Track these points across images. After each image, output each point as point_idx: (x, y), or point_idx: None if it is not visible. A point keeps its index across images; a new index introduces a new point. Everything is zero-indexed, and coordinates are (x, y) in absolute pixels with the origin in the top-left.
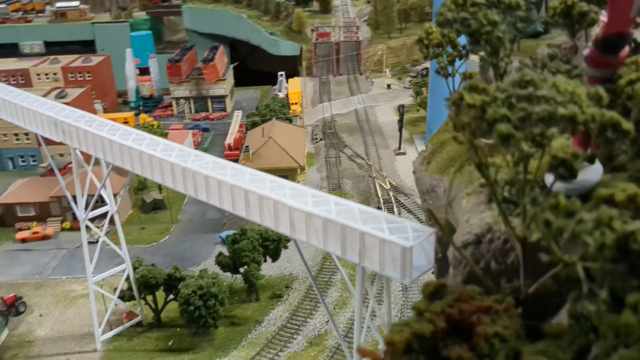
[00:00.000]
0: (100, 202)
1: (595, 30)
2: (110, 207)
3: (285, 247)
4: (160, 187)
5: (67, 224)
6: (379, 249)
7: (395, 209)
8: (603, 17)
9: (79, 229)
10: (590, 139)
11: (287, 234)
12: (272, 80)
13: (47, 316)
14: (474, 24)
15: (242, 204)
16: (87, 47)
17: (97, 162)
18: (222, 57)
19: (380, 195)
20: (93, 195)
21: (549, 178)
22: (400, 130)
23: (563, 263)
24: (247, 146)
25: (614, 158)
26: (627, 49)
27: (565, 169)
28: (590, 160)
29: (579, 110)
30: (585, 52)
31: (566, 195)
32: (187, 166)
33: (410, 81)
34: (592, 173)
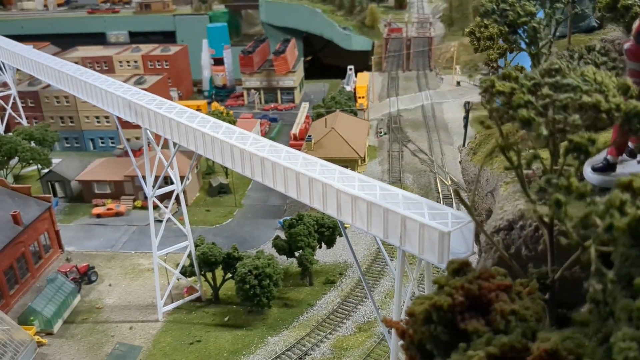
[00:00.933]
0: (169, 183)
1: (636, 23)
2: (177, 186)
3: (341, 235)
4: (226, 172)
5: (138, 203)
6: (419, 233)
7: (454, 204)
8: None
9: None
10: (631, 133)
11: (333, 215)
12: (343, 74)
13: (115, 286)
14: (512, 14)
15: (294, 186)
16: (168, 37)
17: (167, 145)
18: (293, 50)
19: (440, 190)
20: (161, 176)
21: (587, 171)
22: (465, 127)
23: (580, 246)
24: (309, 135)
25: None
26: None
27: (580, 152)
28: (631, 155)
29: (604, 98)
30: (627, 45)
31: (603, 188)
32: (244, 148)
33: (480, 79)
34: (631, 166)
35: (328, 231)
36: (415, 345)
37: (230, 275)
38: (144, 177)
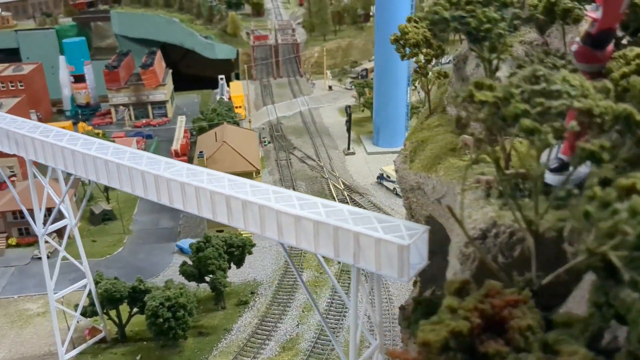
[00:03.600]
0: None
1: (584, 26)
2: (70, 220)
3: (250, 253)
4: (108, 198)
5: (12, 240)
6: (375, 249)
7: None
8: (590, 13)
9: (25, 245)
10: (583, 134)
11: (274, 238)
12: (208, 85)
13: (2, 338)
14: (473, 21)
15: (224, 210)
16: (11, 55)
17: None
18: (160, 62)
19: (335, 195)
20: (49, 209)
21: (548, 173)
22: (348, 130)
23: (590, 253)
24: (201, 151)
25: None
26: (612, 44)
27: (593, 159)
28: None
29: (594, 103)
30: (574, 47)
31: (561, 186)
32: (159, 174)
33: (351, 82)
34: (583, 165)
35: (238, 250)
36: None
37: (137, 309)
38: (30, 212)
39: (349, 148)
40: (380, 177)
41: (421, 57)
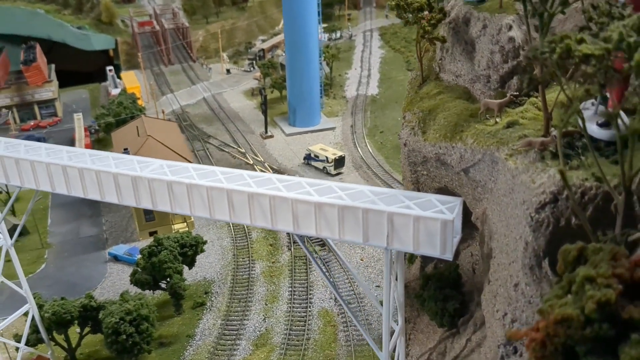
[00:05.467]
0: None
1: None
2: (5, 241)
3: (202, 251)
4: (13, 211)
5: None
6: (413, 228)
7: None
8: None
9: None
10: (625, 87)
11: (288, 230)
12: (83, 79)
13: None
14: None
15: (224, 206)
16: None
17: None
18: (42, 57)
19: None
20: None
21: (594, 128)
22: (264, 113)
23: None
24: (125, 148)
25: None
26: None
27: None
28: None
29: None
30: None
31: (608, 142)
32: (146, 175)
33: (249, 64)
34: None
35: (191, 250)
36: (560, 352)
37: (89, 329)
38: None
39: (266, 131)
40: (308, 157)
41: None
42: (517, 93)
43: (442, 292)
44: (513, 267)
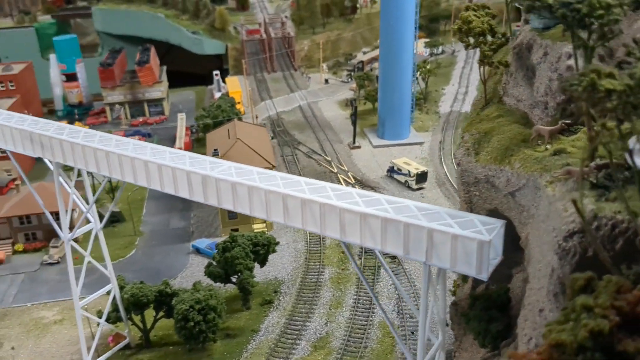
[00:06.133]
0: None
1: None
2: (95, 224)
3: (274, 251)
4: (113, 198)
5: (19, 246)
6: (451, 246)
7: None
8: None
9: (33, 251)
10: None
11: (335, 237)
12: (194, 81)
13: (20, 348)
14: (584, 7)
15: (280, 209)
16: None
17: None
18: (155, 59)
19: None
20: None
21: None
22: (354, 124)
23: None
24: (215, 149)
25: None
26: None
27: None
28: None
29: None
30: None
31: None
32: (207, 174)
33: (347, 75)
34: None
35: (263, 249)
36: None
37: (164, 313)
38: (56, 217)
39: (354, 142)
40: (391, 170)
41: (485, 47)
42: (570, 122)
43: (488, 313)
44: (540, 292)
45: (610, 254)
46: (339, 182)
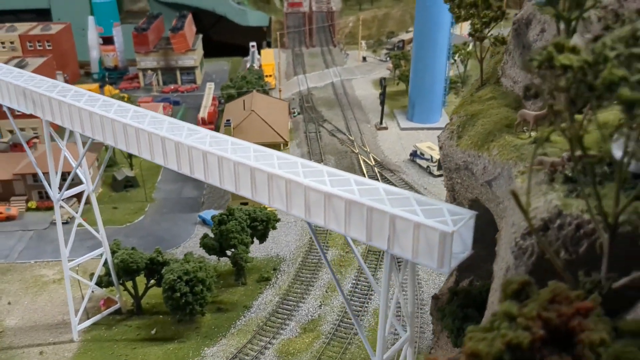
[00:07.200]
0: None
1: None
2: (87, 186)
3: (274, 228)
4: (131, 164)
5: (32, 204)
6: (413, 235)
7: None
8: None
9: (45, 209)
10: None
11: (301, 217)
12: (238, 52)
13: (16, 304)
14: None
15: (247, 184)
16: (42, 15)
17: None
18: (190, 26)
19: (365, 172)
20: (68, 173)
21: (617, 153)
22: (382, 104)
23: None
24: (228, 120)
25: None
26: None
27: None
28: None
29: None
30: None
31: (637, 174)
32: (182, 141)
33: (386, 54)
34: None
35: (261, 225)
36: None
37: (155, 282)
38: (45, 176)
39: (381, 122)
40: (414, 154)
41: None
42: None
43: (464, 311)
44: (496, 294)
45: (573, 257)
46: (359, 163)
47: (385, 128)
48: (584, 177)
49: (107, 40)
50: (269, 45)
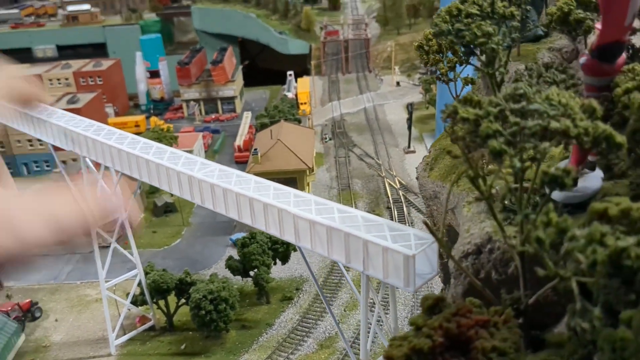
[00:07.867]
0: None
1: (592, 38)
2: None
3: (295, 250)
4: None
5: None
6: (383, 257)
7: (404, 209)
8: (598, 24)
9: None
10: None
11: (292, 241)
12: (282, 79)
13: (62, 321)
14: (468, 35)
15: (248, 212)
16: (98, 50)
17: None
18: (230, 58)
19: (389, 195)
20: None
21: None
22: (409, 128)
23: (559, 277)
24: (255, 149)
25: (613, 166)
26: (624, 55)
27: (557, 185)
28: (591, 168)
29: (572, 124)
30: (582, 59)
31: (565, 204)
32: (193, 174)
33: (419, 78)
34: (592, 180)
35: (282, 247)
36: None
37: (184, 301)
38: None
39: (409, 146)
40: None
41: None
42: None
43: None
44: None
45: (502, 277)
46: (385, 187)
47: (413, 152)
48: (519, 207)
49: (154, 74)
50: (307, 73)
